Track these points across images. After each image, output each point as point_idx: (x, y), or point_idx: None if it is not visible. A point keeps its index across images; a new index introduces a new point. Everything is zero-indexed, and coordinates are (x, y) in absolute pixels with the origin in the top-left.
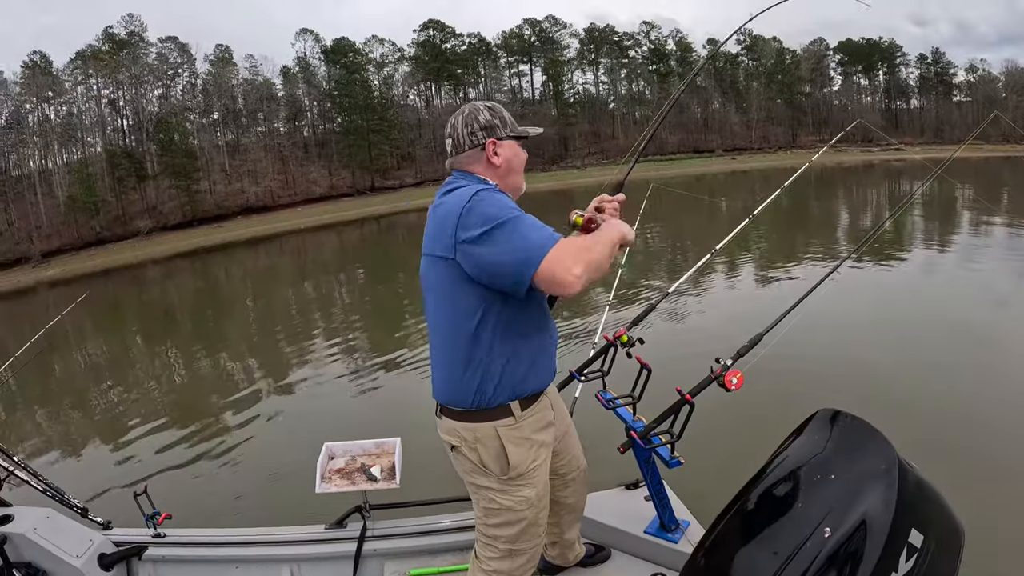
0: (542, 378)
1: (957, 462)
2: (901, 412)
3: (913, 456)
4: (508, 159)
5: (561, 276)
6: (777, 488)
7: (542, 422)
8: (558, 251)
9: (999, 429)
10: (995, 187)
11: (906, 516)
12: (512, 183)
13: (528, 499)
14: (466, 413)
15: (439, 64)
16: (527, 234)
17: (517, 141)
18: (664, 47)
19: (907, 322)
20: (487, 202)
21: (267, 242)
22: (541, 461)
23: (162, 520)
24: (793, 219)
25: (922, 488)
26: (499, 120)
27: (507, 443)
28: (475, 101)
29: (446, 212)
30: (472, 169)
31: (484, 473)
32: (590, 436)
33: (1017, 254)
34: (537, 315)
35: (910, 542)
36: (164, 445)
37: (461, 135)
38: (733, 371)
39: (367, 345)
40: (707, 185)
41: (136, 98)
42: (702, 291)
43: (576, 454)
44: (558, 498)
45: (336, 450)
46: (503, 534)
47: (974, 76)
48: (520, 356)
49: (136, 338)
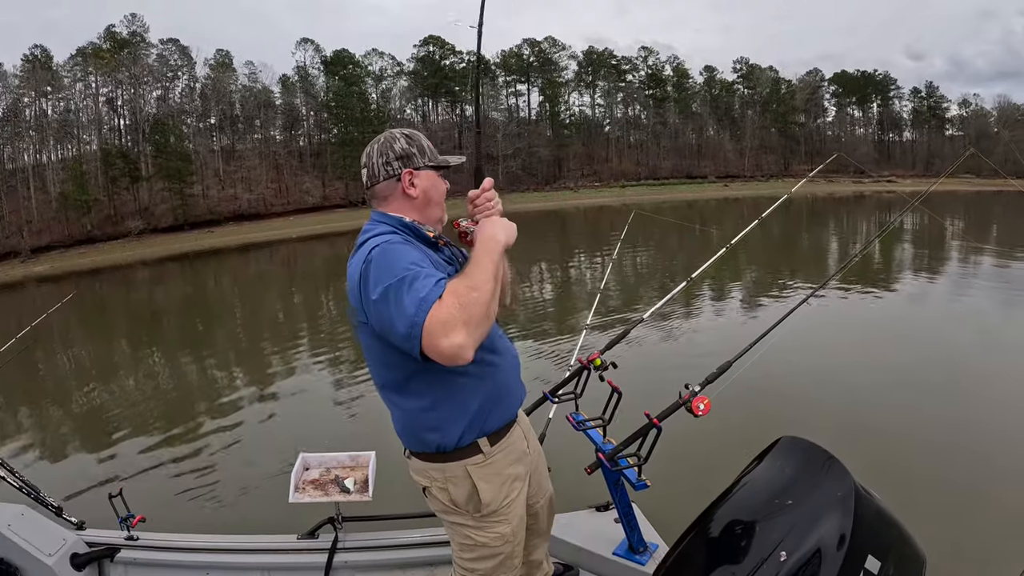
0: (506, 410)
1: (920, 491)
2: (865, 441)
3: (875, 485)
4: (425, 190)
5: (445, 351)
6: (738, 512)
7: (514, 454)
8: (432, 323)
9: (965, 458)
10: (982, 220)
11: (863, 542)
12: (432, 216)
13: (503, 535)
14: (433, 455)
15: (437, 80)
16: (407, 302)
17: (437, 171)
18: (661, 72)
19: (876, 353)
20: (378, 261)
21: (258, 249)
22: (516, 495)
23: (136, 523)
24: (779, 248)
25: (881, 515)
26: (416, 149)
27: (478, 481)
28: (392, 130)
29: (352, 274)
30: (387, 206)
31: (457, 512)
32: (562, 457)
33: (993, 285)
34: (486, 349)
35: (867, 568)
36: (142, 447)
37: (376, 165)
38: (701, 397)
39: (351, 358)
40: (698, 211)
41: (134, 98)
42: (677, 317)
43: (543, 481)
44: (528, 525)
45: (311, 461)
46: (479, 567)
47: (967, 111)
48: (476, 395)
49: (121, 340)
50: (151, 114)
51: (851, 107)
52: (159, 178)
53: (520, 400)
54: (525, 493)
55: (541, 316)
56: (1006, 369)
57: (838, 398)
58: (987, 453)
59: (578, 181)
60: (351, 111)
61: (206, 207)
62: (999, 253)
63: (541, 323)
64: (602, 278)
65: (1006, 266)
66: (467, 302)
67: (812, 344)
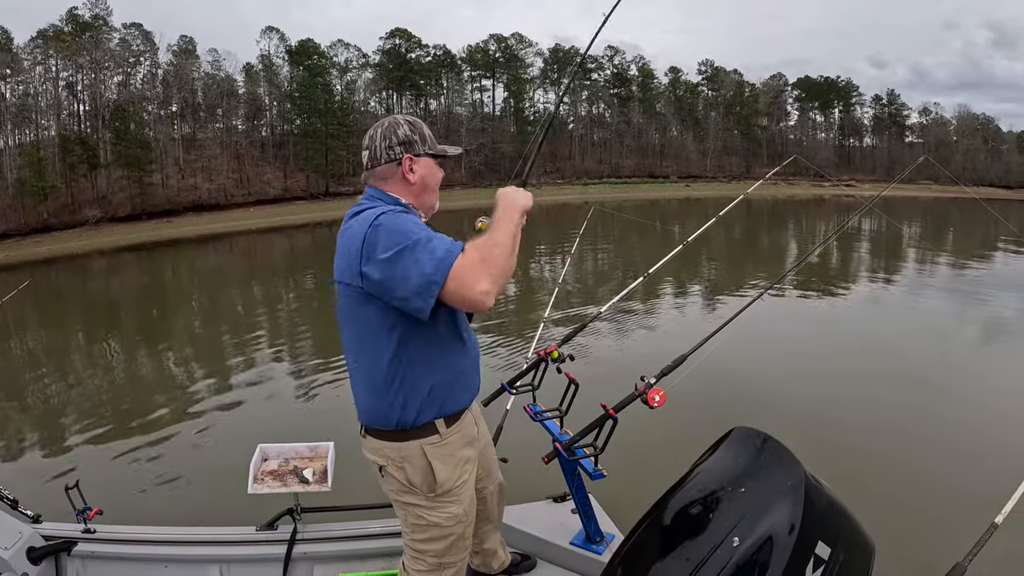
0: (465, 395)
1: (869, 481)
2: (815, 433)
3: (824, 475)
4: (423, 176)
5: (470, 296)
6: (691, 500)
7: (467, 438)
8: (460, 270)
9: (912, 449)
10: (938, 225)
11: (812, 528)
12: (426, 201)
13: (455, 515)
14: (391, 433)
15: (402, 73)
16: (426, 258)
17: (435, 160)
18: (627, 72)
19: (828, 348)
20: (388, 226)
21: (217, 241)
22: (467, 477)
23: (93, 515)
24: (738, 248)
25: (830, 504)
26: (418, 136)
27: (433, 460)
28: (396, 115)
29: (350, 238)
30: (386, 186)
31: (411, 491)
32: (519, 448)
33: (942, 285)
34: (453, 332)
35: (817, 554)
36: (97, 439)
37: (378, 148)
38: (656, 389)
39: (309, 350)
40: (660, 210)
41: (95, 83)
42: (635, 312)
43: (492, 468)
44: (476, 511)
45: (270, 452)
46: (431, 548)
47: (927, 119)
48: (440, 375)
49: (77, 330)
50: (111, 100)
51: (813, 112)
52: (118, 166)
53: (477, 390)
54: (474, 477)
55: (500, 310)
56: (951, 362)
57: (790, 391)
58: (932, 443)
59: (540, 178)
60: (315, 102)
61: (165, 196)
62: (950, 256)
63: (500, 316)
64: (561, 273)
65: (956, 268)
66: (489, 255)
67: (766, 339)
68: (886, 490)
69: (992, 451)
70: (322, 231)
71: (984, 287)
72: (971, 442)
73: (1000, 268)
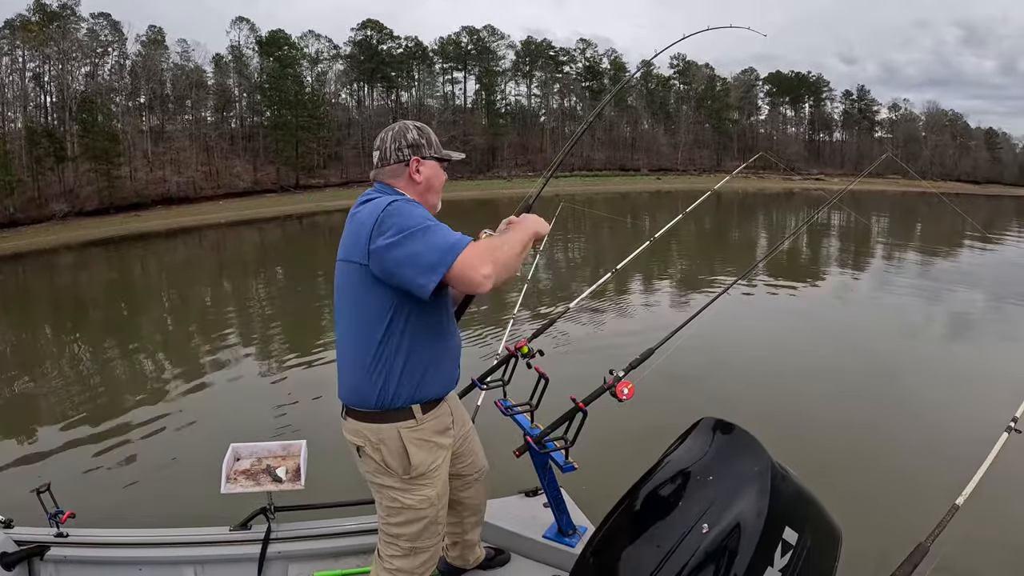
0: (444, 383)
1: (834, 470)
2: (781, 422)
3: (791, 463)
4: (428, 177)
5: (471, 275)
6: (661, 489)
7: (441, 426)
8: (468, 252)
9: (875, 439)
10: (904, 219)
11: (780, 514)
12: (429, 201)
13: (429, 498)
14: (370, 414)
15: (374, 65)
16: (437, 239)
17: (439, 163)
18: (599, 65)
19: (793, 341)
20: (401, 211)
21: (186, 235)
22: (440, 462)
23: (65, 519)
24: (708, 241)
25: (797, 491)
26: (426, 141)
27: (409, 444)
28: (406, 121)
29: (362, 220)
30: (393, 183)
31: (387, 473)
32: (490, 443)
33: (908, 279)
34: (443, 321)
35: (784, 539)
36: (68, 440)
37: (389, 149)
38: (625, 382)
39: (281, 346)
40: (631, 203)
41: (62, 74)
42: (604, 306)
43: (478, 456)
44: (461, 499)
45: (242, 451)
46: (405, 532)
47: (896, 115)
48: (424, 359)
49: (45, 328)
50: (79, 91)
51: (784, 106)
52: (85, 159)
53: (455, 381)
54: (448, 464)
55: (469, 307)
56: (915, 355)
57: (756, 383)
58: (896, 433)
59: (512, 171)
60: (285, 94)
61: (133, 190)
62: (916, 251)
63: (469, 313)
64: (530, 270)
65: (922, 263)
66: (498, 247)
67: (733, 332)
68: (850, 478)
69: (953, 439)
70: (292, 224)
71: (948, 281)
72: (933, 431)
73: (965, 262)
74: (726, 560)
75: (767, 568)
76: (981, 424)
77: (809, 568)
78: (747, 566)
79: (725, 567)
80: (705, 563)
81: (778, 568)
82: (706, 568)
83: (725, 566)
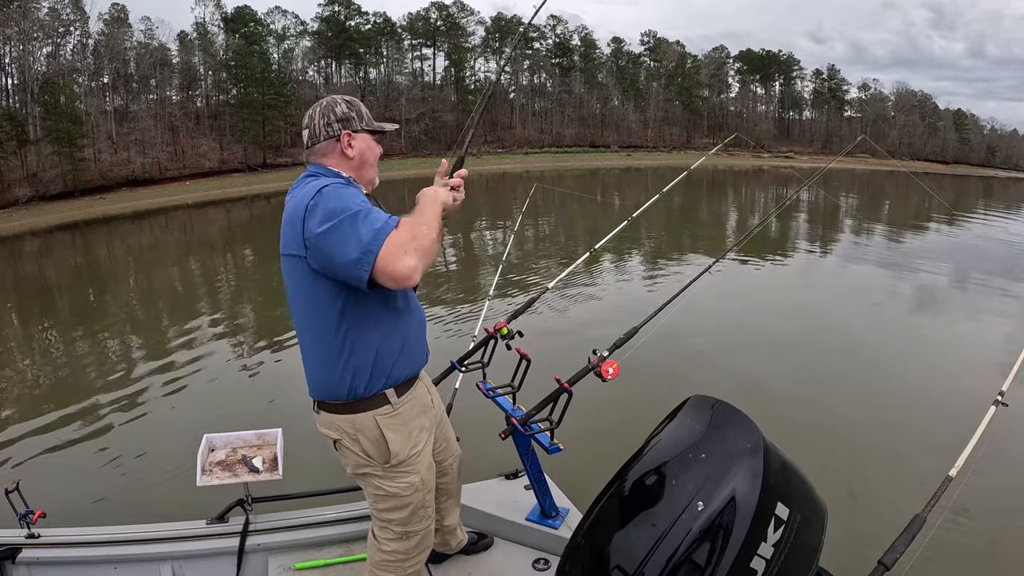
0: (414, 363)
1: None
2: (766, 399)
3: (776, 440)
4: (362, 151)
5: (398, 271)
6: (652, 468)
7: (419, 406)
8: (390, 246)
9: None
10: (873, 198)
11: (772, 491)
12: (366, 176)
13: (413, 485)
14: (343, 405)
15: (341, 41)
16: (366, 229)
17: (372, 136)
18: (569, 42)
19: (774, 319)
20: (329, 197)
21: (152, 217)
22: (422, 446)
23: (36, 519)
24: (682, 220)
25: (786, 467)
26: (356, 113)
27: (386, 431)
28: (335, 95)
29: (293, 209)
30: (326, 161)
31: (367, 463)
32: (471, 427)
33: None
34: (398, 301)
35: (777, 514)
36: (36, 436)
37: (317, 126)
38: (609, 362)
39: (252, 332)
40: (601, 179)
41: (23, 55)
42: (583, 286)
43: (451, 441)
44: (437, 484)
45: (216, 442)
46: (394, 517)
47: (866, 94)
48: (388, 343)
49: (10, 316)
50: (40, 72)
51: (754, 84)
52: (48, 141)
53: (425, 357)
54: (431, 445)
55: (444, 288)
56: (892, 335)
57: (740, 361)
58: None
59: (481, 147)
60: (251, 71)
61: (98, 172)
62: (886, 227)
63: (444, 294)
64: (505, 250)
65: (891, 239)
66: (418, 233)
67: (715, 311)
68: (840, 455)
69: (942, 413)
70: (260, 203)
71: (919, 257)
72: (921, 408)
73: (934, 239)
74: (722, 537)
75: (761, 544)
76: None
77: (799, 542)
78: (742, 542)
79: (721, 544)
80: (701, 540)
81: (771, 543)
82: (702, 545)
83: (721, 543)
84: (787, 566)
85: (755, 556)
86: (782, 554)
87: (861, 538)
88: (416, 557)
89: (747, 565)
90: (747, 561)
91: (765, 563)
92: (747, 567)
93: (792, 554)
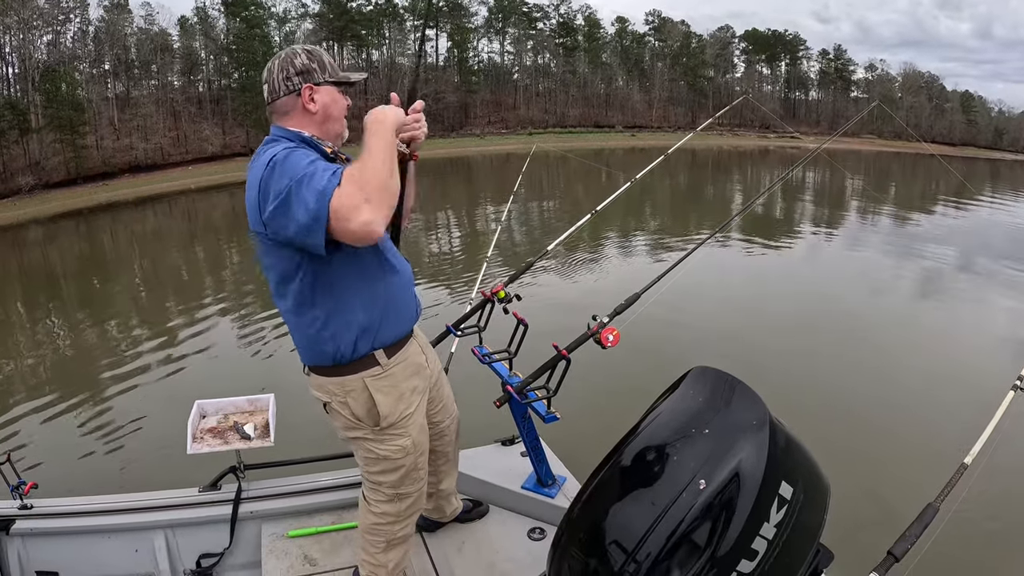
0: (402, 322)
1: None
2: (768, 371)
3: (781, 415)
4: (326, 105)
5: (353, 230)
6: (652, 442)
7: (411, 367)
8: (337, 206)
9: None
10: (880, 177)
11: (777, 468)
12: (332, 130)
13: (404, 448)
14: (332, 368)
15: (343, 23)
16: (310, 195)
17: (337, 87)
18: (573, 22)
19: (777, 291)
20: (277, 171)
21: (156, 202)
22: (414, 409)
23: (28, 490)
24: (684, 197)
25: (790, 443)
26: (317, 64)
27: (376, 393)
28: (294, 46)
29: (251, 185)
30: (287, 121)
31: (357, 426)
32: (466, 392)
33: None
34: (375, 260)
35: (780, 494)
36: (28, 409)
37: (276, 80)
38: (610, 328)
39: (253, 309)
40: (605, 159)
41: (24, 44)
42: (584, 254)
43: (448, 402)
44: (433, 447)
45: (208, 408)
46: (386, 480)
47: (872, 75)
48: (369, 306)
49: (14, 300)
50: (41, 61)
51: (760, 64)
52: (50, 129)
53: (415, 315)
54: (424, 407)
55: (445, 255)
56: (896, 314)
57: (744, 334)
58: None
59: (485, 128)
60: (252, 55)
61: (100, 159)
62: (894, 207)
63: (441, 255)
64: (504, 212)
65: (898, 218)
66: (364, 182)
67: (718, 282)
68: (853, 439)
69: (957, 399)
70: None
71: (931, 241)
72: (936, 393)
73: (949, 222)
74: (724, 516)
75: (763, 524)
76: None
77: (802, 522)
78: (744, 522)
79: (723, 524)
80: (702, 520)
81: (774, 523)
82: (703, 525)
83: (723, 523)
84: (788, 545)
85: (757, 536)
86: (784, 534)
87: (871, 527)
88: (406, 520)
89: (748, 545)
90: (749, 542)
91: (767, 543)
92: (748, 547)
93: (794, 533)
